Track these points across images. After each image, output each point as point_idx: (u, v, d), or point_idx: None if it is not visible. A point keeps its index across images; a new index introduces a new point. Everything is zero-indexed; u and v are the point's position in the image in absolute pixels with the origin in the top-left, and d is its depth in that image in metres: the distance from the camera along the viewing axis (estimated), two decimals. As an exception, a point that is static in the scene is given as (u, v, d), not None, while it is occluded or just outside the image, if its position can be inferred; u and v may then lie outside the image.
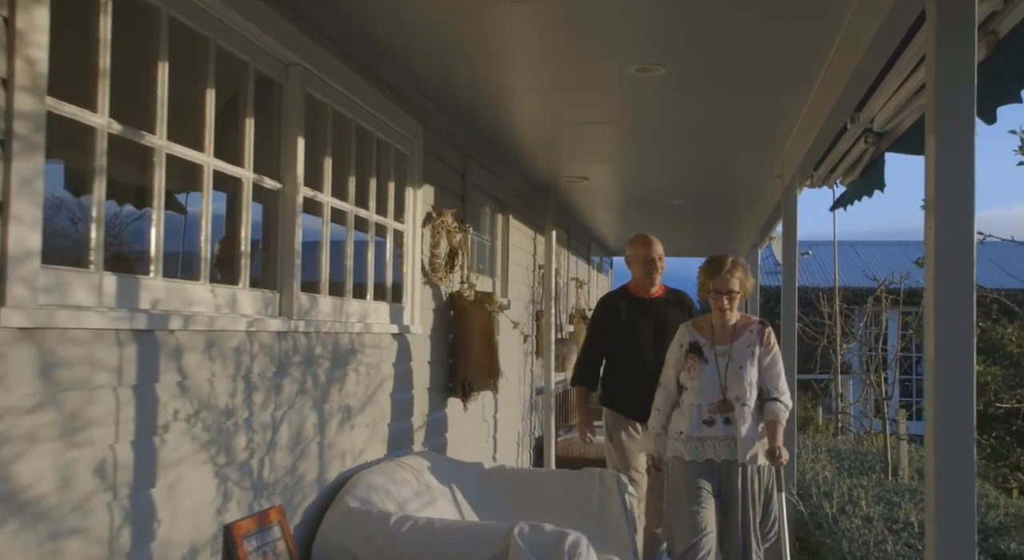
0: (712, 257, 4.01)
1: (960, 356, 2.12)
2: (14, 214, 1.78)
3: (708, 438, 3.80)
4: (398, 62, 3.92)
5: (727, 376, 3.82)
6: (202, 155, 2.60)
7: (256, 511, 2.78)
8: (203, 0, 2.51)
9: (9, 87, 1.77)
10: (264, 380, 2.86)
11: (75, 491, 1.99)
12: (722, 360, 3.84)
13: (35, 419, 1.87)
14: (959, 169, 2.19)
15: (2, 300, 1.76)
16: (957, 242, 2.19)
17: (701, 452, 3.80)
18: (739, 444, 3.76)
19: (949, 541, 2.10)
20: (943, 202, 2.20)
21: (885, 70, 3.29)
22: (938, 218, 2.21)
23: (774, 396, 3.87)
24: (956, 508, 2.09)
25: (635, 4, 3.19)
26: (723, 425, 3.80)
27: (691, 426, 3.83)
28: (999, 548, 4.54)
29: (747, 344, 3.87)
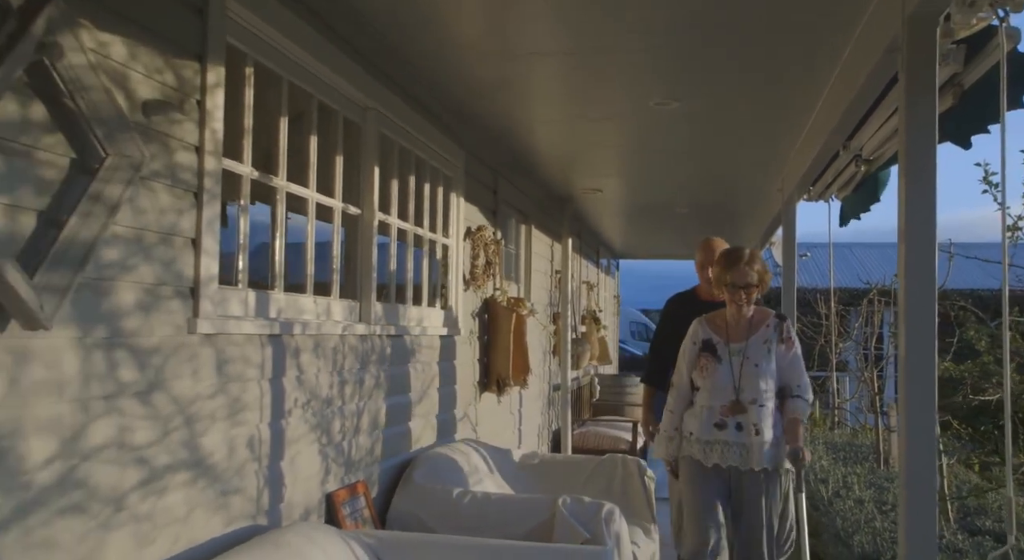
0: (728, 249, 3.81)
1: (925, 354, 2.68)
2: (204, 248, 2.35)
3: (717, 442, 3.59)
4: (447, 97, 4.50)
5: (741, 376, 3.59)
6: (307, 190, 3.18)
7: (347, 483, 3.36)
8: (308, 63, 3.08)
9: (200, 152, 2.35)
10: (351, 375, 3.44)
11: (236, 459, 2.56)
12: (736, 359, 3.62)
13: (214, 403, 2.44)
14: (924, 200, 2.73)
15: (196, 313, 2.33)
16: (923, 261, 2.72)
17: (708, 455, 3.61)
18: (755, 449, 3.55)
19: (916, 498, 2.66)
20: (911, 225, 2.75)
21: (871, 110, 3.87)
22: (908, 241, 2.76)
23: (796, 393, 3.67)
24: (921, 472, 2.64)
25: (652, 52, 3.77)
26: (734, 430, 3.58)
27: (701, 428, 3.64)
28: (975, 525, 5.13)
29: (764, 340, 3.65)
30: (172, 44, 2.24)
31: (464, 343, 5.02)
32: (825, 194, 6.19)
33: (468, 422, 5.14)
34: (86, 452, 1.93)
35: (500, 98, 4.53)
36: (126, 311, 2.06)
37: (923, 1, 2.54)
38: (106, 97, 1.87)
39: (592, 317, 9.69)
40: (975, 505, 5.76)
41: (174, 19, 2.26)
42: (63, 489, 1.87)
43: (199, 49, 2.36)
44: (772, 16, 3.29)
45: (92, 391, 1.95)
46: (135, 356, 2.10)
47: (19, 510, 1.75)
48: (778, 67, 3.88)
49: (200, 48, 2.36)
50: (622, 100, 4.60)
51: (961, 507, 5.63)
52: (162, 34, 2.20)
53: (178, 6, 2.28)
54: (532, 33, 3.54)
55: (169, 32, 2.23)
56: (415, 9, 3.22)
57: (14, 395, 1.73)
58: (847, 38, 3.42)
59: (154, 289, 2.17)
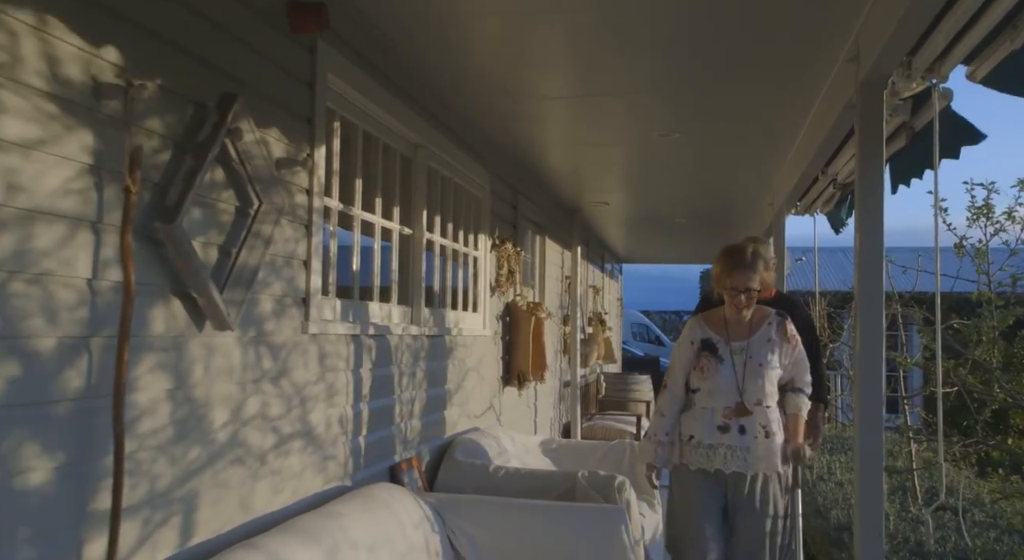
0: (729, 247, 3.56)
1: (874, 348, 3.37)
2: (312, 268, 3.05)
3: (720, 446, 3.43)
4: (477, 128, 5.20)
5: (745, 376, 3.43)
6: (374, 216, 3.88)
7: (405, 458, 4.06)
8: (375, 112, 3.78)
9: (310, 194, 3.05)
10: (406, 369, 4.14)
11: (331, 433, 3.27)
12: (739, 358, 3.46)
13: (317, 388, 3.14)
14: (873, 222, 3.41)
15: (307, 318, 3.03)
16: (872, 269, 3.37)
17: (711, 460, 3.45)
18: (763, 453, 3.42)
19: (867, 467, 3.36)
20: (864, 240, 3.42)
21: (843, 144, 4.57)
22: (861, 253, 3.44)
23: (798, 387, 3.57)
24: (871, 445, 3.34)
25: (656, 96, 4.47)
26: (737, 433, 3.42)
27: (703, 431, 3.47)
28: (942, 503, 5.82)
29: (766, 339, 3.50)
30: (292, 113, 2.94)
31: (490, 343, 5.72)
32: (811, 209, 6.89)
33: (493, 412, 5.84)
34: (244, 420, 2.63)
35: (520, 128, 5.25)
36: (266, 317, 2.76)
37: (871, 71, 3.24)
38: (263, 161, 2.58)
39: (598, 319, 10.39)
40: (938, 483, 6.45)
41: (295, 93, 2.96)
42: (231, 446, 2.57)
43: (309, 113, 3.06)
44: (756, 74, 4.01)
45: (247, 376, 2.65)
46: (271, 350, 2.80)
47: (209, 458, 2.45)
48: (764, 112, 4.61)
49: (310, 112, 3.06)
50: (628, 132, 5.31)
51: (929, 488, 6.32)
52: (287, 106, 2.90)
53: (297, 83, 2.98)
54: (548, 81, 4.27)
55: (291, 104, 2.93)
56: (457, 63, 3.94)
57: (207, 377, 2.43)
58: (816, 95, 4.14)
59: (281, 299, 2.87)
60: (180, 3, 2.31)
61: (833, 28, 3.44)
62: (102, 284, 2.00)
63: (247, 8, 2.65)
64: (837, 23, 3.38)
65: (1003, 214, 4.08)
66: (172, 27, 2.27)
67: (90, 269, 1.96)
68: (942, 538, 4.80)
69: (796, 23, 3.43)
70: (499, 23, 3.48)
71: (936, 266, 3.36)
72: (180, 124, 2.28)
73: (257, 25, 2.70)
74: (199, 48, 2.39)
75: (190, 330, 2.35)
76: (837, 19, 3.35)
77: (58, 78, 1.87)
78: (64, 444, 1.89)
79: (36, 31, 1.81)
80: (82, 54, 1.94)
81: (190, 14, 2.35)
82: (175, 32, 2.28)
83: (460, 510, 3.56)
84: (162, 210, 2.16)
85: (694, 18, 3.38)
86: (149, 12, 2.17)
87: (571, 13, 3.33)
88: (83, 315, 1.94)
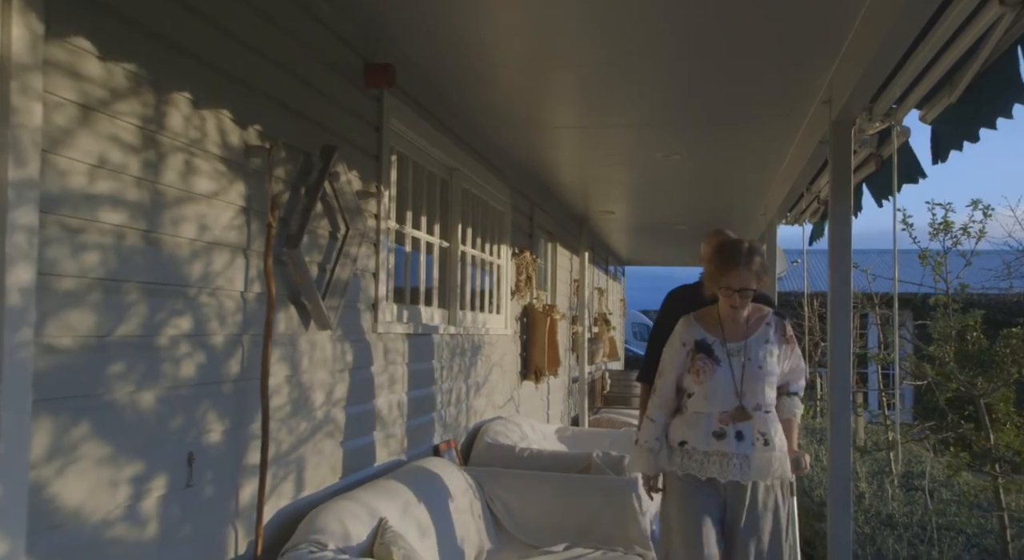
0: (724, 243, 3.34)
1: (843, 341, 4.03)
2: (380, 279, 3.73)
3: (715, 453, 3.17)
4: (501, 151, 5.87)
5: (744, 379, 3.18)
6: (421, 233, 4.55)
7: (444, 439, 4.73)
8: (421, 144, 4.45)
9: (378, 218, 3.72)
10: (446, 363, 4.81)
11: (392, 415, 3.94)
12: (736, 360, 3.21)
13: (381, 377, 3.81)
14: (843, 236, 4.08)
15: (376, 319, 3.70)
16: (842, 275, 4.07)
17: (704, 468, 3.18)
18: (763, 461, 3.16)
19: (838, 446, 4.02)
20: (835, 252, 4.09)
21: (822, 168, 5.25)
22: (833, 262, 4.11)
23: (793, 390, 3.38)
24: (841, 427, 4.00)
25: (660, 125, 5.14)
26: (735, 439, 3.16)
27: (698, 437, 3.21)
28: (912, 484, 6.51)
29: (764, 339, 3.28)
30: (365, 152, 3.62)
31: (511, 341, 6.39)
32: (799, 219, 7.57)
33: (513, 403, 6.52)
34: (334, 402, 3.30)
35: (537, 151, 5.93)
36: (349, 319, 3.43)
37: (841, 113, 3.91)
38: (352, 195, 3.25)
39: (603, 319, 11.06)
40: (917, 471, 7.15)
41: (367, 136, 3.64)
42: (325, 422, 3.24)
43: (376, 151, 3.73)
44: (747, 112, 4.70)
45: (336, 366, 3.32)
46: (352, 346, 3.47)
47: (310, 431, 3.12)
48: (754, 141, 5.29)
49: (377, 151, 3.74)
50: (633, 154, 5.98)
51: (907, 473, 7.01)
52: (362, 147, 3.58)
53: (368, 127, 3.65)
54: (562, 115, 4.95)
55: (364, 145, 3.61)
56: (488, 101, 4.62)
57: (311, 367, 3.10)
58: (798, 128, 4.83)
59: (357, 305, 3.54)
60: (296, 76, 2.98)
61: (811, 77, 4.11)
62: (250, 295, 2.67)
63: (336, 72, 3.32)
64: (814, 74, 4.06)
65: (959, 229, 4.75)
66: (291, 96, 2.94)
67: (243, 284, 2.63)
68: (910, 512, 5.49)
69: (781, 72, 4.10)
70: (523, 71, 4.15)
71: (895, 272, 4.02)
72: (296, 171, 2.96)
73: (343, 85, 3.38)
74: (307, 109, 3.06)
75: (300, 330, 3.02)
76: (814, 71, 4.03)
77: (225, 145, 2.54)
78: (229, 413, 2.56)
79: (215, 115, 2.49)
80: (238, 126, 2.61)
81: (302, 84, 3.02)
82: (292, 100, 2.96)
83: (496, 481, 4.23)
84: (287, 238, 2.83)
85: (692, 67, 4.04)
86: (278, 87, 2.84)
87: (581, 67, 4.00)
88: (239, 318, 2.61)
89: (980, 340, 7.97)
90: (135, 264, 2.14)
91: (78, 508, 1.95)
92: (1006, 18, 2.62)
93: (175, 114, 2.30)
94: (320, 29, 3.18)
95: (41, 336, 1.83)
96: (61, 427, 1.90)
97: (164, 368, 2.26)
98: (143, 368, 2.18)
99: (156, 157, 2.22)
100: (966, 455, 4.73)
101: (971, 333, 8.39)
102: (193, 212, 2.38)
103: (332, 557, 2.61)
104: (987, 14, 2.64)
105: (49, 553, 1.86)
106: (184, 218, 2.34)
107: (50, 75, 1.84)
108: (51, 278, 1.86)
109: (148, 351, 2.20)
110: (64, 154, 1.90)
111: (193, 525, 2.39)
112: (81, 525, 1.97)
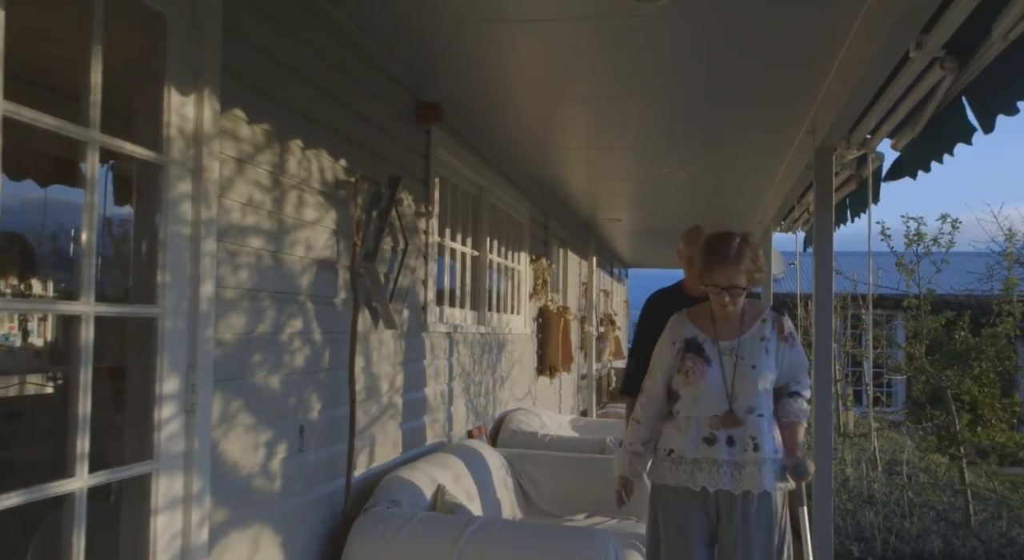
0: (712, 237, 3.07)
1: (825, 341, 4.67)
2: (428, 285, 4.36)
3: (705, 460, 2.95)
4: (521, 169, 6.52)
5: (735, 380, 2.97)
6: (457, 244, 5.19)
7: (476, 425, 5.37)
8: (457, 167, 5.09)
9: (427, 234, 4.36)
10: (476, 359, 5.45)
11: (436, 403, 4.58)
12: (728, 360, 3.00)
13: (429, 370, 4.45)
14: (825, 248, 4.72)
15: (425, 319, 4.34)
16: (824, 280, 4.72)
17: (695, 477, 2.96)
18: (752, 468, 2.91)
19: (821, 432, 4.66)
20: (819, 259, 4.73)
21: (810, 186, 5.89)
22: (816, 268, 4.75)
23: (795, 389, 3.07)
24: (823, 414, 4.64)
25: (660, 151, 5.78)
26: (725, 445, 2.94)
27: (686, 444, 2.99)
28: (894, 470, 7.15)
29: (760, 337, 3.04)
30: (417, 178, 4.26)
31: (529, 340, 7.04)
32: (792, 228, 8.22)
33: (531, 396, 7.16)
34: (395, 389, 3.94)
35: (551, 168, 6.58)
36: (407, 320, 4.07)
37: (823, 141, 4.54)
38: (411, 216, 3.89)
39: (609, 319, 11.70)
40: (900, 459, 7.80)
41: (418, 164, 4.28)
42: (389, 406, 3.88)
43: (425, 177, 4.37)
44: (740, 140, 5.35)
45: (396, 359, 3.96)
46: (407, 342, 4.11)
47: (378, 413, 3.76)
48: (748, 163, 5.93)
49: (426, 176, 4.38)
50: (637, 170, 6.63)
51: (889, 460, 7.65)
52: (415, 174, 4.22)
53: (419, 157, 4.29)
54: (571, 138, 5.59)
55: (417, 172, 4.25)
56: (511, 127, 5.26)
57: (379, 360, 3.74)
58: (787, 152, 5.47)
59: (412, 308, 4.18)
60: (366, 119, 3.62)
61: (796, 110, 4.75)
62: (338, 300, 3.31)
63: (395, 113, 3.96)
64: (799, 106, 4.70)
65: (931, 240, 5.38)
66: (364, 136, 3.58)
67: (334, 292, 3.27)
68: (889, 492, 6.13)
69: (771, 104, 4.74)
70: (540, 105, 4.78)
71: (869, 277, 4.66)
72: (370, 199, 3.60)
73: (401, 123, 4.02)
74: (375, 146, 3.70)
75: (371, 329, 3.66)
76: (799, 104, 4.66)
77: (323, 181, 3.18)
78: (325, 396, 3.20)
79: (315, 157, 3.13)
80: (333, 165, 3.26)
81: (371, 125, 3.67)
82: (366, 139, 3.60)
83: (526, 460, 4.87)
84: (365, 254, 3.47)
85: (691, 102, 4.68)
86: (354, 129, 3.48)
87: (589, 102, 4.64)
88: (332, 319, 3.25)
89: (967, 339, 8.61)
90: (267, 277, 2.78)
91: (236, 462, 2.60)
92: (947, 79, 3.26)
93: (291, 160, 2.94)
94: (382, 77, 3.82)
95: (216, 333, 2.47)
96: (226, 401, 2.54)
97: (284, 358, 2.90)
98: (272, 358, 2.82)
99: (280, 194, 2.87)
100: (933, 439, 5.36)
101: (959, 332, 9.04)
102: (303, 236, 3.02)
103: (406, 511, 3.25)
104: (932, 75, 3.28)
105: (221, 493, 2.50)
106: (297, 241, 2.98)
107: (221, 140, 2.48)
108: (221, 290, 2.50)
109: (275, 345, 2.84)
110: (228, 197, 2.54)
111: (302, 483, 3.03)
112: (237, 475, 2.61)
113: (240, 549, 2.63)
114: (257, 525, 2.72)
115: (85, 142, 1.96)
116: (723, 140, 5.49)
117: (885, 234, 5.81)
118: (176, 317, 2.28)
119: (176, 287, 2.28)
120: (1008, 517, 5.12)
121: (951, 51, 3.14)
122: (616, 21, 3.39)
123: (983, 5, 2.76)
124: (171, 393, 2.26)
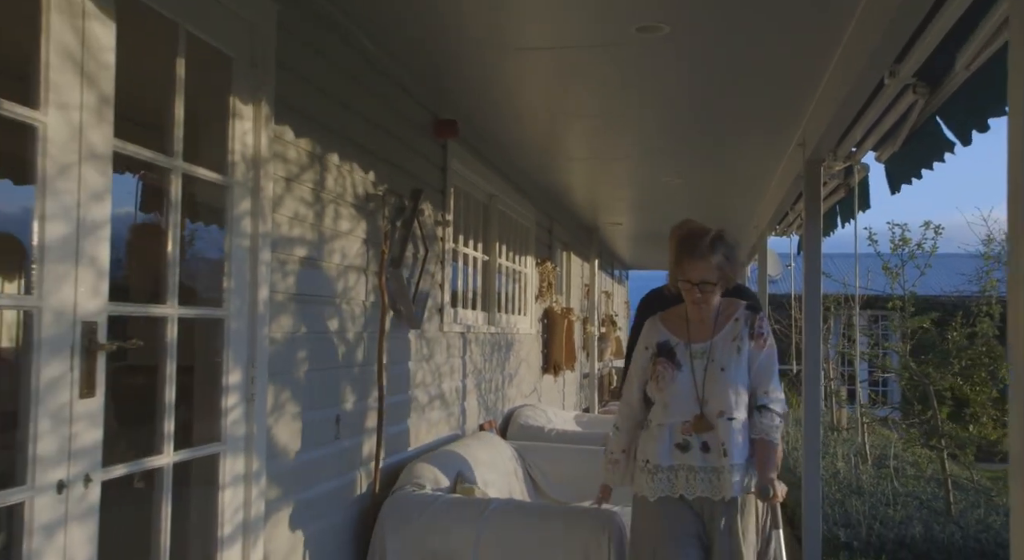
0: (685, 232, 3.01)
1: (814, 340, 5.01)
2: (445, 288, 4.70)
3: (681, 467, 2.86)
4: (528, 177, 6.86)
5: (706, 384, 2.87)
6: (470, 249, 5.53)
7: (487, 419, 5.71)
8: (468, 177, 5.42)
9: (444, 241, 4.70)
10: (487, 357, 5.78)
11: (451, 398, 4.91)
12: (699, 362, 2.91)
13: (445, 367, 4.79)
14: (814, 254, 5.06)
15: (442, 320, 4.68)
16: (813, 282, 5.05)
17: (673, 486, 2.87)
18: (725, 473, 2.83)
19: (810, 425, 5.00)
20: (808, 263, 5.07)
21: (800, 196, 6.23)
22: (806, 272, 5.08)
23: (763, 402, 2.91)
24: (812, 409, 4.98)
25: (660, 162, 6.12)
26: (700, 451, 2.85)
27: (659, 452, 2.89)
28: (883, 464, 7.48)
29: (732, 337, 2.93)
30: (435, 189, 4.60)
31: (535, 340, 7.38)
32: (787, 232, 8.56)
33: (536, 394, 7.50)
34: (417, 384, 4.28)
35: (555, 176, 6.93)
36: (428, 320, 4.41)
37: (812, 154, 4.89)
38: (431, 225, 4.23)
39: (610, 320, 12.03)
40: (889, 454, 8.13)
41: (436, 176, 4.62)
42: (410, 400, 4.21)
43: (442, 187, 4.71)
44: (734, 151, 5.69)
45: (418, 356, 4.30)
46: (427, 341, 4.44)
47: (406, 403, 4.09)
48: (743, 173, 6.28)
49: (443, 187, 4.71)
50: (639, 177, 6.97)
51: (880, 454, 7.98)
52: (433, 185, 4.55)
53: (436, 169, 4.63)
54: (574, 148, 5.93)
55: (435, 183, 4.59)
56: (519, 138, 5.60)
57: (402, 357, 4.07)
58: (779, 163, 5.82)
59: (433, 309, 4.52)
60: (391, 134, 3.96)
61: (788, 124, 5.09)
62: (367, 302, 3.65)
63: (416, 129, 4.30)
64: (790, 121, 5.04)
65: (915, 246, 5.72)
66: (389, 151, 3.92)
67: (364, 295, 3.61)
68: (877, 483, 6.47)
69: (764, 119, 5.08)
70: (546, 120, 5.13)
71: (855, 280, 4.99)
72: (395, 210, 3.94)
73: (421, 138, 4.36)
74: (399, 160, 4.04)
75: (395, 329, 4.00)
76: (790, 119, 5.00)
77: (355, 194, 3.52)
78: (356, 389, 3.54)
79: (349, 173, 3.47)
80: (363, 179, 3.60)
81: (395, 140, 4.01)
82: (391, 154, 3.94)
83: (535, 451, 5.22)
84: (392, 260, 3.81)
85: (692, 114, 5.02)
86: (381, 145, 3.82)
87: (589, 118, 4.98)
88: (362, 320, 3.59)
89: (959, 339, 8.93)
90: (309, 283, 3.12)
91: (285, 446, 2.93)
92: (919, 102, 3.60)
93: (329, 177, 3.28)
94: (405, 97, 4.16)
95: (271, 332, 2.80)
96: (277, 392, 2.88)
97: (322, 355, 3.24)
98: (313, 354, 3.16)
99: (320, 208, 3.20)
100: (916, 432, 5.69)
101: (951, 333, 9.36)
102: (338, 245, 3.36)
103: (430, 493, 3.59)
104: (907, 98, 3.62)
105: (273, 473, 2.84)
106: (334, 250, 3.32)
107: (274, 161, 2.82)
108: (274, 294, 2.84)
109: (314, 343, 3.18)
110: (279, 212, 2.87)
111: (337, 467, 3.37)
112: (286, 458, 2.95)
113: (288, 523, 2.96)
114: (302, 503, 3.06)
115: (169, 169, 2.30)
116: (719, 151, 5.83)
117: (872, 239, 6.14)
118: (239, 318, 2.62)
119: (239, 292, 2.62)
120: (986, 506, 5.45)
121: (922, 78, 3.48)
122: (618, 48, 3.73)
123: (950, 37, 3.09)
124: (235, 384, 2.60)
